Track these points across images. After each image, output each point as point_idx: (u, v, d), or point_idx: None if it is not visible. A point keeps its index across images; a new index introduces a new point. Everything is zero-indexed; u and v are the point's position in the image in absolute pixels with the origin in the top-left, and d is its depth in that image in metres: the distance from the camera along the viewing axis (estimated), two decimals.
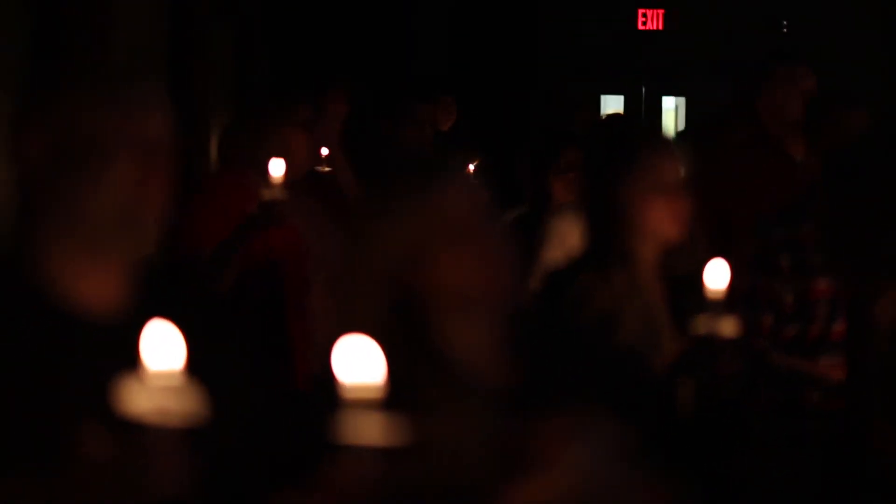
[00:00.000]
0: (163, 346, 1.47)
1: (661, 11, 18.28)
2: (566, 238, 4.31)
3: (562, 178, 4.71)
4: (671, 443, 2.46)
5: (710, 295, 2.43)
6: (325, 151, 5.84)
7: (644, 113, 18.02)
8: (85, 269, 1.88)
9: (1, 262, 1.90)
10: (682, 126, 17.94)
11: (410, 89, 7.60)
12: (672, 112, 18.76)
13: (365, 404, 1.43)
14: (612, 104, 17.92)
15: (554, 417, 1.84)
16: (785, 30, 17.79)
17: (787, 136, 4.70)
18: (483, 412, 1.89)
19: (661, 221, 2.93)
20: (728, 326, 2.44)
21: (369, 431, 1.44)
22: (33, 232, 1.89)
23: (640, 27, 18.26)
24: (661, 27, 18.29)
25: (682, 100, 18.79)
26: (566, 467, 1.79)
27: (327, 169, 5.75)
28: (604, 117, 8.09)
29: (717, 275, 2.44)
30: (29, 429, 1.76)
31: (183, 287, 2.06)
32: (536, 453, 1.80)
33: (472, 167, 5.36)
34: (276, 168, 3.89)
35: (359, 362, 1.43)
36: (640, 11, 18.24)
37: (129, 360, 1.49)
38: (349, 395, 1.43)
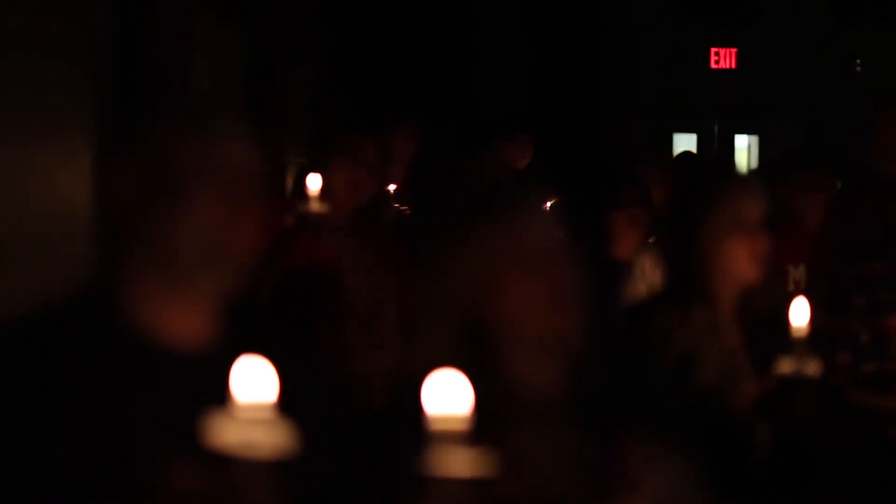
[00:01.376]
0: (253, 379, 1.46)
1: (733, 50, 18.25)
2: (648, 275, 4.31)
3: (624, 215, 4.70)
4: (750, 483, 2.45)
5: (795, 335, 2.41)
6: (392, 188, 5.91)
7: (716, 151, 18.00)
8: (169, 303, 1.87)
9: (86, 297, 1.90)
10: (754, 164, 17.86)
11: (490, 128, 7.61)
12: (745, 150, 18.68)
13: (452, 436, 1.42)
14: (683, 142, 17.88)
15: (635, 446, 1.85)
16: (858, 69, 17.67)
17: None
18: (558, 441, 1.88)
19: (741, 260, 2.91)
20: (812, 367, 2.43)
21: (457, 463, 1.43)
22: (118, 266, 1.88)
23: (713, 66, 18.24)
24: (733, 66, 18.25)
25: (754, 138, 18.71)
26: (645, 493, 1.79)
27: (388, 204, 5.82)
28: (675, 156, 8.08)
29: (801, 315, 2.42)
30: (116, 463, 1.75)
31: (266, 318, 2.06)
32: (617, 479, 1.81)
33: (548, 205, 5.38)
34: (313, 182, 4.08)
35: (446, 394, 1.43)
36: (713, 50, 18.22)
37: (216, 393, 1.48)
38: (437, 427, 1.42)
